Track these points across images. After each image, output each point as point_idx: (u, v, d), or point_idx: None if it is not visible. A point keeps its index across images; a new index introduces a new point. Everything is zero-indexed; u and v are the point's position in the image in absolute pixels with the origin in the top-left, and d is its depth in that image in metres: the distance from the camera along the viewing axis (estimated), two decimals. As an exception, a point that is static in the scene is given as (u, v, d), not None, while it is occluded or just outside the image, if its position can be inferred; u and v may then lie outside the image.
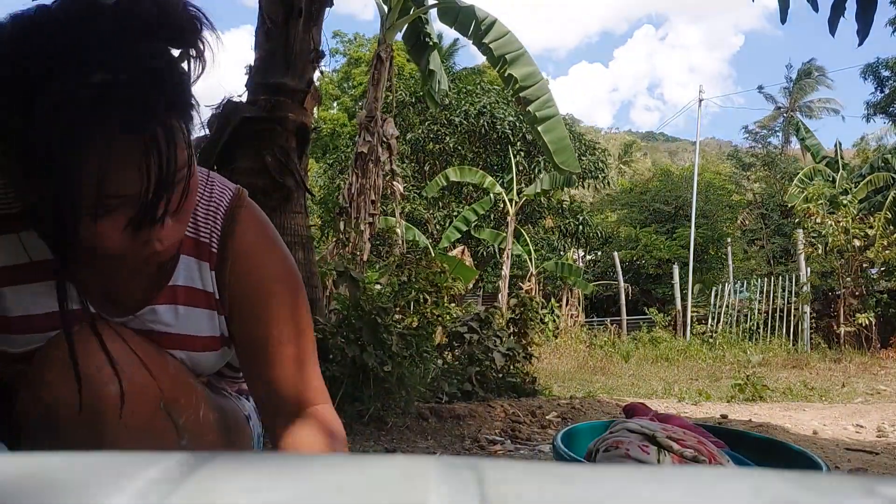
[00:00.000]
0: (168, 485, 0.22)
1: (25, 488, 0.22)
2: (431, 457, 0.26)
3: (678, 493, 0.23)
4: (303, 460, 0.27)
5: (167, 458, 0.25)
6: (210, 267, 0.87)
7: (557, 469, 0.25)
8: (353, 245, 6.38)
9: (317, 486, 0.23)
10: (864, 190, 13.16)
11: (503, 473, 0.24)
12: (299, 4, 3.47)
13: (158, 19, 0.69)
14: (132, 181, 0.68)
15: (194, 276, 0.87)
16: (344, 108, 22.93)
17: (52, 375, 0.76)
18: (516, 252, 13.78)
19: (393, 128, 7.01)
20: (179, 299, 0.86)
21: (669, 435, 1.60)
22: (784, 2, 3.72)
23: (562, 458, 1.70)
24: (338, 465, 0.26)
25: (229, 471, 0.24)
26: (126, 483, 0.22)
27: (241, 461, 0.26)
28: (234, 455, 0.26)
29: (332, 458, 0.27)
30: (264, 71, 3.46)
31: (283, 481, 0.23)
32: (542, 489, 0.22)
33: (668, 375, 7.71)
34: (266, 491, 0.22)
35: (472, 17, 6.60)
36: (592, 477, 0.24)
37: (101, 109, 0.64)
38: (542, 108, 6.66)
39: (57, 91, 0.63)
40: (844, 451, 3.27)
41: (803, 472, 0.25)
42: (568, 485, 0.23)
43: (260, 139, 3.31)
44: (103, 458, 0.26)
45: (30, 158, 0.66)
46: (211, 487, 0.23)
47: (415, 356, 3.66)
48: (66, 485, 0.22)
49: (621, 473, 0.25)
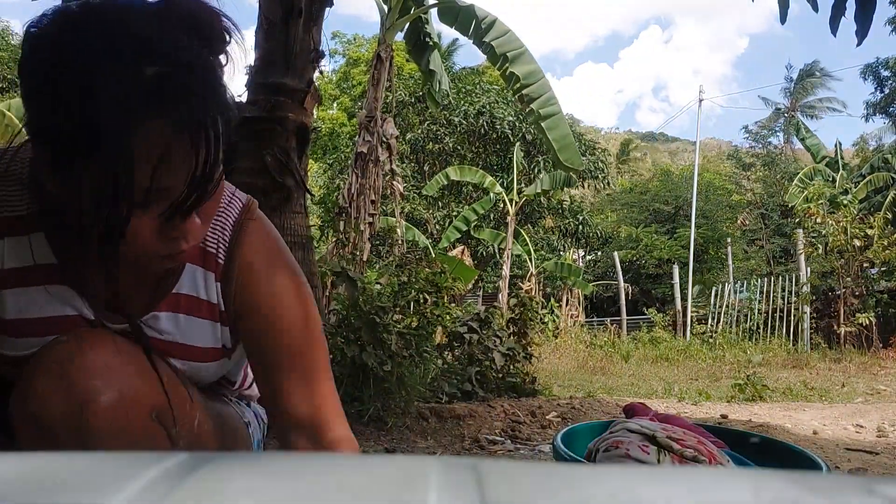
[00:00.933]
0: (168, 485, 0.22)
1: (25, 488, 0.22)
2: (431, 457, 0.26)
3: (678, 493, 0.23)
4: (303, 460, 0.27)
5: (167, 458, 0.25)
6: (216, 278, 0.87)
7: (557, 469, 0.25)
8: (352, 245, 6.38)
9: (317, 486, 0.23)
10: (864, 190, 13.17)
11: (503, 473, 0.24)
12: (299, 4, 3.47)
13: (196, 24, 0.70)
14: (178, 173, 0.68)
15: (198, 285, 0.86)
16: (343, 109, 22.94)
17: (41, 384, 0.74)
18: (516, 252, 13.78)
19: (393, 128, 7.02)
20: (181, 308, 0.85)
21: (669, 435, 1.60)
22: (784, 2, 3.72)
23: (562, 458, 1.70)
24: (338, 465, 0.26)
25: (229, 471, 0.24)
26: (126, 483, 0.22)
27: (241, 461, 0.26)
28: (234, 455, 0.26)
29: (332, 458, 0.27)
30: (264, 71, 3.46)
31: (283, 481, 0.23)
32: (542, 489, 0.22)
33: (668, 375, 7.71)
34: (266, 491, 0.22)
35: (472, 17, 6.60)
36: (592, 477, 0.24)
37: (156, 100, 0.65)
38: (544, 105, 6.66)
39: (114, 81, 0.64)
40: (844, 451, 3.27)
41: (803, 472, 0.25)
42: (568, 485, 0.23)
43: (260, 139, 3.31)
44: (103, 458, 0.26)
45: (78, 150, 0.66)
46: (211, 487, 0.23)
47: (415, 356, 3.66)
48: (66, 485, 0.22)
49: (621, 473, 0.25)
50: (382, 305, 3.55)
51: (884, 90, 20.44)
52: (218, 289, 0.87)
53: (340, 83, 24.25)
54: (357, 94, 21.88)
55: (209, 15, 0.72)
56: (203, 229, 0.77)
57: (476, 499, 0.21)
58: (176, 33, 0.68)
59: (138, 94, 0.64)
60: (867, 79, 20.42)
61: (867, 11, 3.27)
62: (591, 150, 17.28)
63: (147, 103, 0.64)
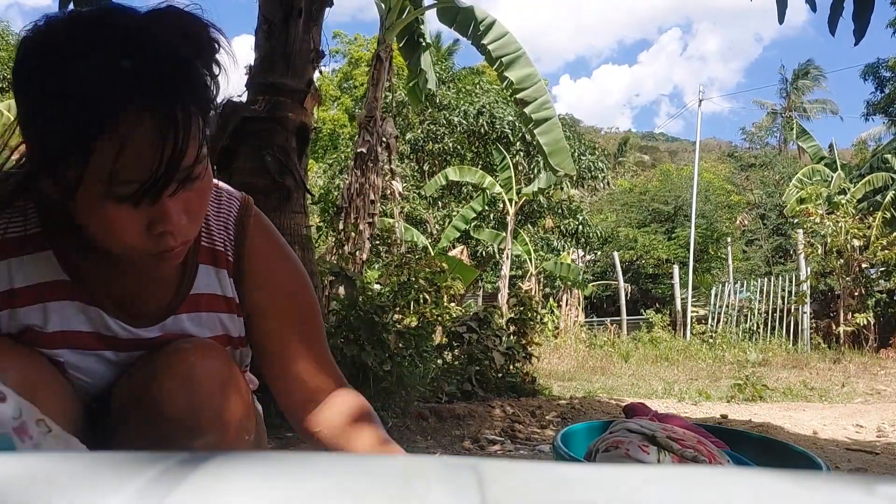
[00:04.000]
0: (168, 485, 0.22)
1: (25, 488, 0.22)
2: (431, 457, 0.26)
3: (678, 493, 0.23)
4: (303, 460, 0.27)
5: (167, 458, 0.25)
6: (228, 274, 0.92)
7: (557, 469, 0.25)
8: (352, 245, 6.38)
9: (317, 485, 0.23)
10: (863, 189, 13.16)
11: (503, 473, 0.24)
12: (299, 4, 3.47)
13: (185, 31, 0.74)
14: (146, 163, 0.70)
15: (213, 282, 0.91)
16: (344, 109, 22.93)
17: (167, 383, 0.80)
18: (516, 252, 13.78)
19: (392, 128, 7.02)
20: (202, 306, 0.90)
21: (669, 435, 1.60)
22: (782, 3, 3.72)
23: (562, 458, 1.70)
24: (338, 465, 0.26)
25: (229, 471, 0.24)
26: (126, 483, 0.22)
27: (241, 461, 0.26)
28: (234, 455, 0.26)
29: (332, 458, 0.27)
30: (264, 71, 3.46)
31: (283, 481, 0.23)
32: (542, 489, 0.22)
33: (668, 375, 7.71)
34: (266, 491, 0.22)
35: (471, 18, 6.60)
36: (592, 477, 0.24)
37: (127, 89, 0.67)
38: (538, 109, 6.65)
39: (87, 70, 0.67)
40: (844, 451, 3.27)
41: (803, 472, 0.25)
42: (568, 485, 0.23)
43: (260, 139, 3.30)
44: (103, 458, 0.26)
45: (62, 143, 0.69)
46: (211, 487, 0.22)
47: (414, 356, 3.66)
48: (66, 485, 0.22)
49: (621, 473, 0.25)
50: (382, 305, 3.55)
51: (884, 90, 20.45)
52: (231, 284, 0.92)
53: (341, 84, 24.24)
54: (359, 94, 21.88)
55: (199, 25, 0.75)
56: (192, 227, 0.79)
57: (476, 499, 0.21)
58: (162, 36, 0.71)
59: (108, 82, 0.67)
60: (867, 79, 20.43)
61: (865, 12, 3.28)
62: (591, 149, 17.27)
63: (115, 91, 0.67)
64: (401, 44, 7.23)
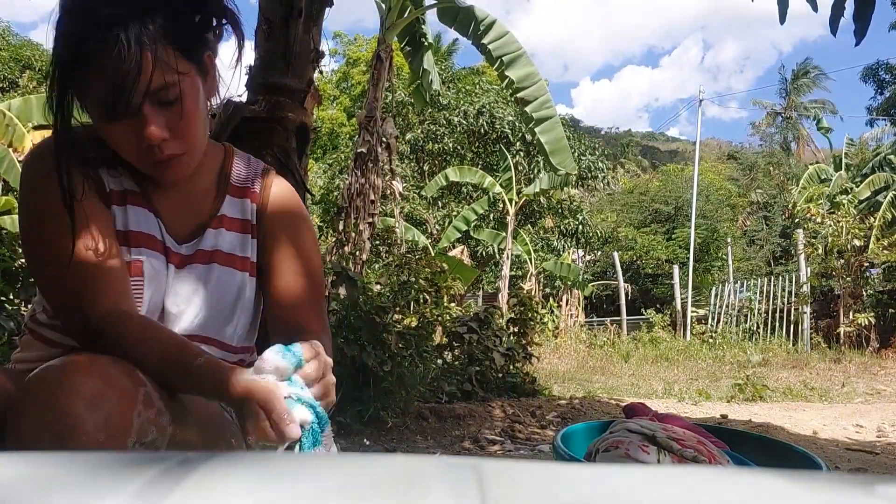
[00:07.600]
0: (167, 485, 0.22)
1: (25, 488, 0.22)
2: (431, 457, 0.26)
3: (678, 493, 0.23)
4: (303, 460, 0.27)
5: (167, 458, 0.25)
6: (251, 200, 1.09)
7: (557, 469, 0.25)
8: (352, 245, 6.38)
9: (317, 486, 0.23)
10: (866, 190, 13.16)
11: (503, 473, 0.24)
12: (299, 4, 3.46)
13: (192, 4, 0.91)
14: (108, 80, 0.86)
15: (236, 209, 1.08)
16: (343, 109, 22.93)
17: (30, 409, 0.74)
18: (516, 252, 13.77)
19: (392, 127, 7.01)
20: (224, 224, 1.06)
21: (669, 435, 1.60)
22: (783, 3, 3.72)
23: (562, 458, 1.70)
24: (338, 465, 0.26)
25: (228, 471, 0.24)
26: (125, 483, 0.22)
27: (241, 461, 0.26)
28: (234, 455, 0.26)
29: (332, 458, 0.27)
30: (264, 71, 3.46)
31: (283, 481, 0.23)
32: (542, 489, 0.22)
33: (668, 375, 7.71)
34: (266, 491, 0.22)
35: (471, 18, 6.59)
36: (592, 477, 0.24)
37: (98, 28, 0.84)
38: (539, 108, 6.65)
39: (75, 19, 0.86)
40: (844, 451, 3.27)
41: (803, 472, 0.25)
42: (568, 485, 0.23)
43: (260, 139, 3.30)
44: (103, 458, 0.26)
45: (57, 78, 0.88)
46: (210, 487, 0.22)
47: (414, 356, 3.66)
48: (66, 485, 0.22)
49: (621, 473, 0.25)
50: (382, 305, 3.54)
51: (884, 93, 20.43)
52: (253, 209, 1.09)
53: (340, 83, 24.24)
54: (357, 94, 21.86)
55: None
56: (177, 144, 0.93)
57: (476, 499, 0.21)
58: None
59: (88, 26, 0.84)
60: (868, 81, 20.42)
61: (866, 12, 3.27)
62: (592, 150, 17.26)
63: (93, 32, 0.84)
64: (403, 44, 7.23)
